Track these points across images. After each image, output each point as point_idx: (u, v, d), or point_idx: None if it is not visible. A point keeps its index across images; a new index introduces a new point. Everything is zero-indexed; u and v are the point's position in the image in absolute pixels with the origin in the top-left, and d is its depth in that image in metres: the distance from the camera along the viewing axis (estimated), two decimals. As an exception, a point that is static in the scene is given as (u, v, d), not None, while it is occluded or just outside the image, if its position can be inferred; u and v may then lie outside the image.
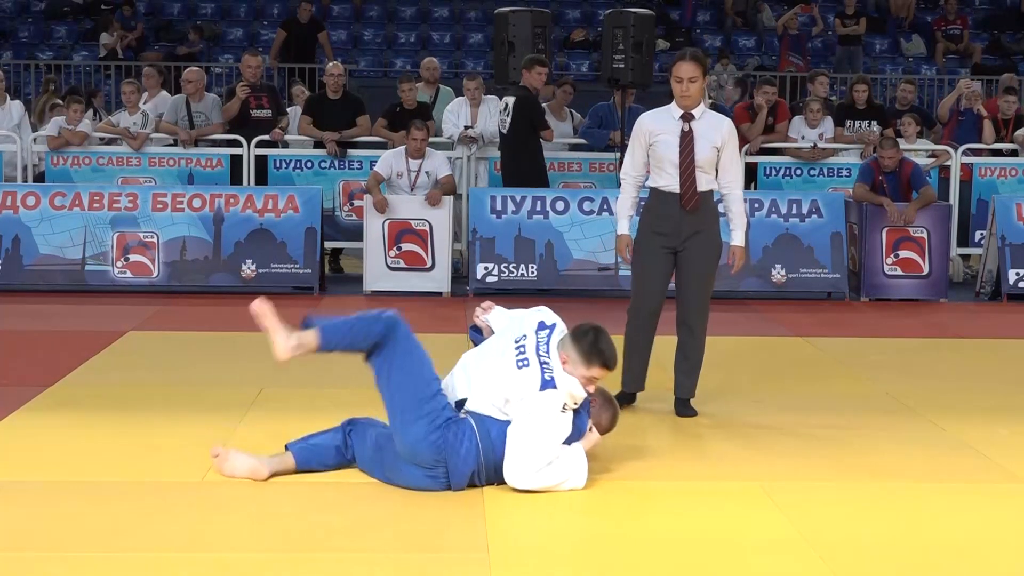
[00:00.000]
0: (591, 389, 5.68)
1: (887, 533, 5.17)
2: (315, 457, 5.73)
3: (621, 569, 4.75)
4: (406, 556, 4.82)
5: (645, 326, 7.09)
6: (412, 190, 11.51)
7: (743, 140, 13.12)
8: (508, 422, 5.53)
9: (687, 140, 6.88)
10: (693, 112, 6.92)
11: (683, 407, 7.08)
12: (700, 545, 5.02)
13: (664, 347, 7.24)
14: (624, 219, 7.12)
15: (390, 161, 11.56)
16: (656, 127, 6.97)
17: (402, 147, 11.62)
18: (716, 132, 6.93)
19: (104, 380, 7.75)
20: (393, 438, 5.53)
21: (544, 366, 5.55)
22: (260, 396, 7.28)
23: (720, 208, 7.10)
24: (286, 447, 5.78)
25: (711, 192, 6.99)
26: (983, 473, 6.10)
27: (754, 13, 21.53)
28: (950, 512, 5.50)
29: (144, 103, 13.05)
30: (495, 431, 5.50)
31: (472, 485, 5.53)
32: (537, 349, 5.61)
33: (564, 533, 5.18)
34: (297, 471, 5.71)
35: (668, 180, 6.93)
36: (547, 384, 5.50)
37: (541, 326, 5.74)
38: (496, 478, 5.54)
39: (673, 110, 6.96)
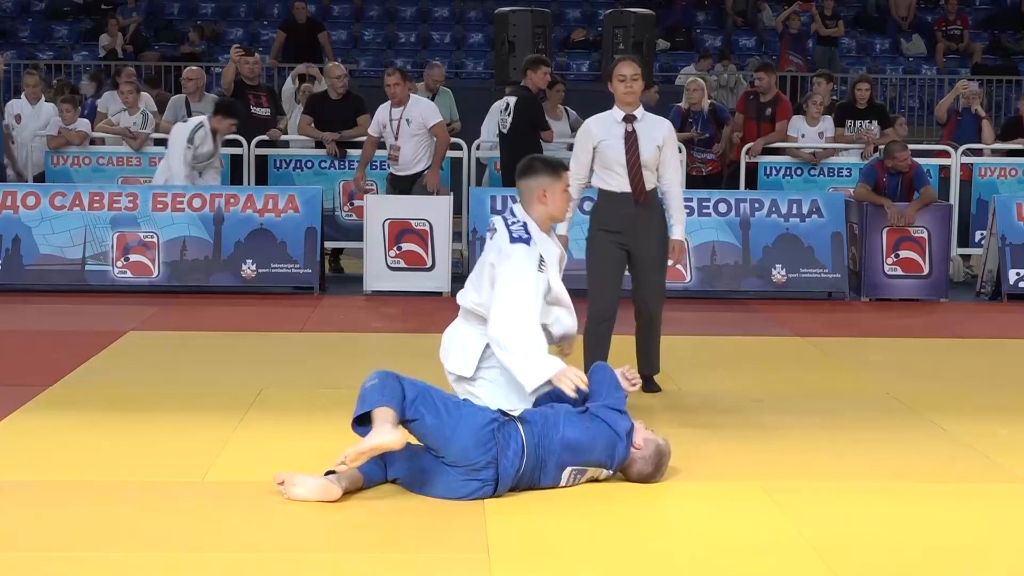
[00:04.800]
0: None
1: (887, 533, 5.17)
2: (376, 468, 5.51)
3: (621, 569, 4.75)
4: (406, 556, 4.82)
5: (605, 334, 7.31)
6: (396, 139, 11.39)
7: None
8: (553, 424, 5.51)
9: (632, 140, 7.20)
10: (635, 114, 7.24)
11: (650, 384, 7.35)
12: (700, 545, 5.03)
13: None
14: (564, 221, 7.12)
15: (378, 116, 11.52)
16: (601, 132, 7.28)
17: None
18: (657, 131, 7.28)
19: (104, 380, 7.74)
20: (437, 450, 5.42)
21: (511, 225, 5.94)
22: (260, 396, 7.27)
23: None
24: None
25: (655, 190, 7.32)
26: (983, 473, 6.10)
27: (754, 13, 21.53)
28: (950, 512, 5.50)
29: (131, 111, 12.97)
30: (538, 433, 5.47)
31: (512, 488, 5.47)
32: (504, 218, 6.03)
33: (564, 533, 5.17)
34: (364, 486, 5.48)
35: (618, 181, 7.24)
36: (516, 240, 5.87)
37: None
38: (530, 481, 5.49)
39: (615, 114, 7.28)
